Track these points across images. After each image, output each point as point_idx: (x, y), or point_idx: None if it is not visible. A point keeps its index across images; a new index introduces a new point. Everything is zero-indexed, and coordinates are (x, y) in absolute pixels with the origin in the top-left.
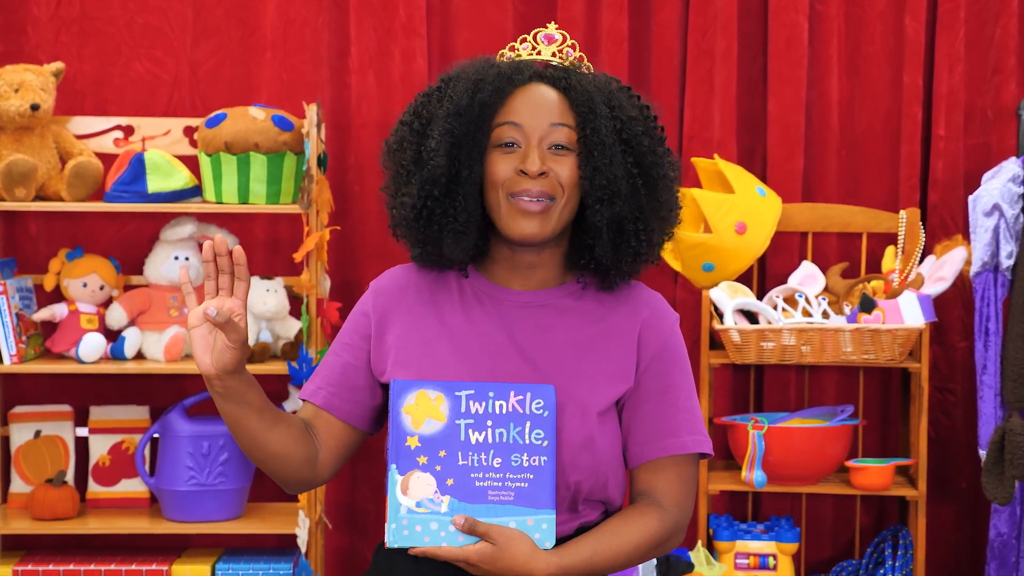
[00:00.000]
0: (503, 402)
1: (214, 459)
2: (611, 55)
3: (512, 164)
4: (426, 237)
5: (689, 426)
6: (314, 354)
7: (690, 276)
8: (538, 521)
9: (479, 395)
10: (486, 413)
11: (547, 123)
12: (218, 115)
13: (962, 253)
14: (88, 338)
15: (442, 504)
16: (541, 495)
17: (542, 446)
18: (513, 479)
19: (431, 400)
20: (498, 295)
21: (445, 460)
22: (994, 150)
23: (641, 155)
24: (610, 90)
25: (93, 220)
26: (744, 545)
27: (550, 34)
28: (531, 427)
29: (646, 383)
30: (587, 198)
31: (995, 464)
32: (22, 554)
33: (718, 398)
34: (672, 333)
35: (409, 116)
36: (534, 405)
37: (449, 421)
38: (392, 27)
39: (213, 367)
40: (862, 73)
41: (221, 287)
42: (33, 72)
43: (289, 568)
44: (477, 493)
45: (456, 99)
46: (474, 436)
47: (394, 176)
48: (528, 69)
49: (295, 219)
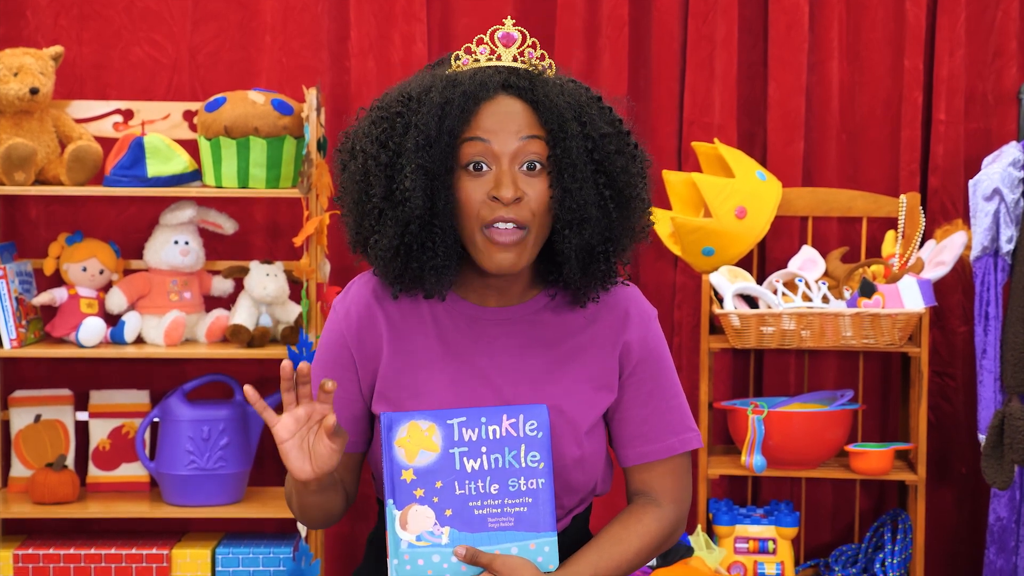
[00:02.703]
0: (496, 426)
1: (214, 443)
2: (611, 40)
3: (483, 189)
4: (405, 275)
5: (680, 425)
6: (314, 338)
7: (690, 260)
8: (540, 545)
9: (471, 421)
10: (480, 439)
11: (517, 138)
12: (218, 99)
13: (962, 238)
14: (88, 322)
15: (442, 536)
16: (541, 518)
17: (538, 468)
18: (512, 504)
19: (423, 431)
20: (473, 313)
21: (442, 491)
22: (994, 134)
23: (614, 176)
24: (580, 104)
25: (93, 204)
26: (744, 529)
27: (508, 33)
28: (526, 449)
29: (633, 387)
30: (556, 222)
31: (994, 448)
32: (23, 538)
33: (718, 382)
34: (652, 331)
35: (374, 147)
36: (527, 427)
37: (443, 451)
38: (392, 11)
39: (314, 473)
40: (863, 57)
41: (301, 396)
42: (32, 56)
43: (289, 552)
44: (477, 521)
45: (424, 129)
46: (469, 464)
47: (360, 210)
48: (492, 82)
49: (295, 203)
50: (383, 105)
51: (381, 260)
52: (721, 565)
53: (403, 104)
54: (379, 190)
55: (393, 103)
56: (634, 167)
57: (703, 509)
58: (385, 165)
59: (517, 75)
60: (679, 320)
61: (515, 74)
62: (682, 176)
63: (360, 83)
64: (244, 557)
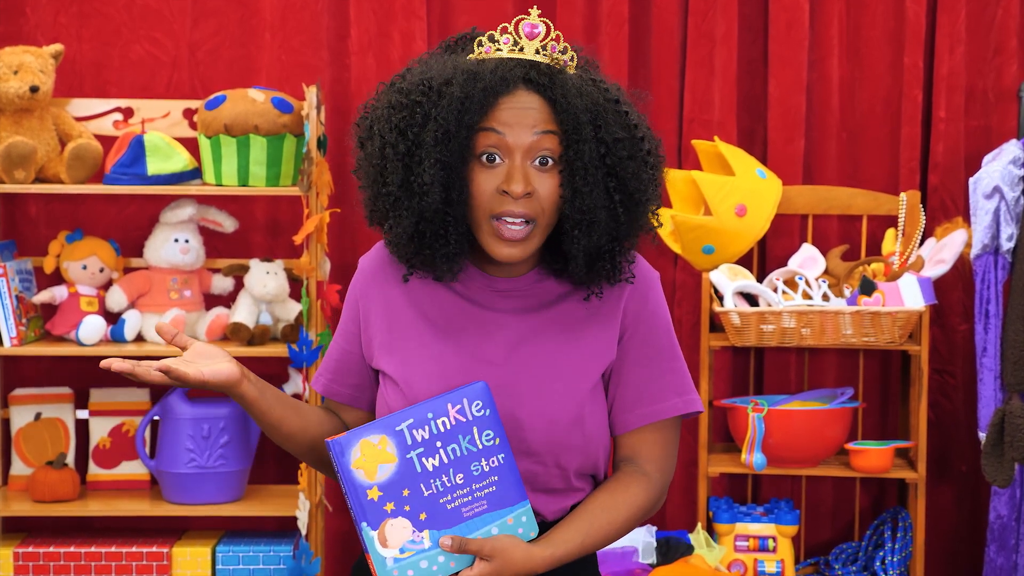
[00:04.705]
0: (444, 418)
1: (214, 441)
2: (611, 37)
3: (494, 182)
4: (417, 259)
5: (677, 388)
6: (314, 336)
7: (690, 258)
8: (516, 516)
9: (419, 421)
10: (432, 435)
11: (531, 133)
12: (218, 97)
13: (962, 235)
14: (88, 320)
15: (423, 540)
16: (510, 491)
17: (495, 445)
18: (480, 487)
19: (375, 445)
20: (479, 279)
21: (411, 498)
22: (995, 132)
23: (624, 180)
24: (597, 106)
25: (93, 202)
26: (744, 527)
27: (533, 24)
28: (479, 431)
29: (631, 349)
30: (565, 221)
31: (995, 446)
32: (23, 536)
33: (718, 381)
34: (654, 294)
35: (392, 134)
36: (474, 408)
37: (400, 459)
38: (392, 9)
39: (203, 375)
40: (863, 55)
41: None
42: (32, 54)
43: (289, 550)
44: (452, 516)
45: (443, 123)
46: (429, 463)
47: (376, 191)
48: (512, 76)
49: (295, 201)
50: (403, 89)
51: (395, 244)
52: (721, 563)
53: (423, 93)
54: (396, 178)
55: (413, 90)
56: (646, 172)
57: (703, 507)
58: (403, 154)
59: (538, 70)
60: (679, 318)
61: (536, 69)
62: (682, 174)
63: (360, 81)
64: (244, 555)
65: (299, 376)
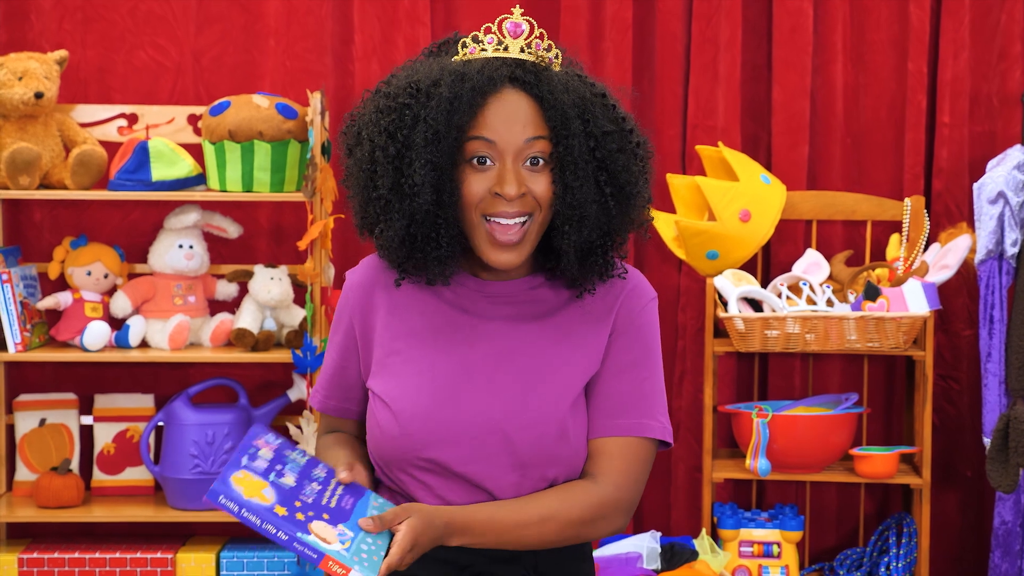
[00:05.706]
0: (264, 450)
1: (218, 447)
2: (615, 43)
3: (486, 184)
4: (409, 263)
5: (645, 409)
6: (318, 342)
7: (694, 264)
8: (375, 500)
9: (251, 456)
10: (269, 462)
11: (522, 139)
12: (222, 103)
13: (966, 241)
14: (92, 326)
15: (346, 531)
16: (354, 486)
17: (311, 458)
18: (334, 487)
19: (243, 479)
20: (471, 284)
21: (304, 508)
22: (999, 137)
23: (615, 173)
24: (584, 101)
25: (97, 208)
26: (748, 533)
27: (516, 22)
28: (290, 451)
29: (611, 358)
30: (556, 217)
31: (999, 452)
32: (27, 542)
33: (722, 386)
34: (644, 311)
35: (381, 138)
36: (271, 440)
37: (269, 482)
38: (396, 15)
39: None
40: (867, 60)
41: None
42: (37, 60)
43: (293, 556)
44: (340, 511)
45: (433, 124)
46: (286, 481)
47: (366, 196)
48: (499, 75)
49: (299, 207)
50: (390, 93)
51: (386, 248)
52: (726, 569)
53: (411, 96)
54: (386, 181)
55: (400, 93)
56: (635, 165)
57: (708, 513)
58: (393, 157)
59: (524, 68)
60: (683, 324)
61: (521, 67)
62: (686, 180)
63: (364, 86)
64: (248, 561)
65: (303, 382)
